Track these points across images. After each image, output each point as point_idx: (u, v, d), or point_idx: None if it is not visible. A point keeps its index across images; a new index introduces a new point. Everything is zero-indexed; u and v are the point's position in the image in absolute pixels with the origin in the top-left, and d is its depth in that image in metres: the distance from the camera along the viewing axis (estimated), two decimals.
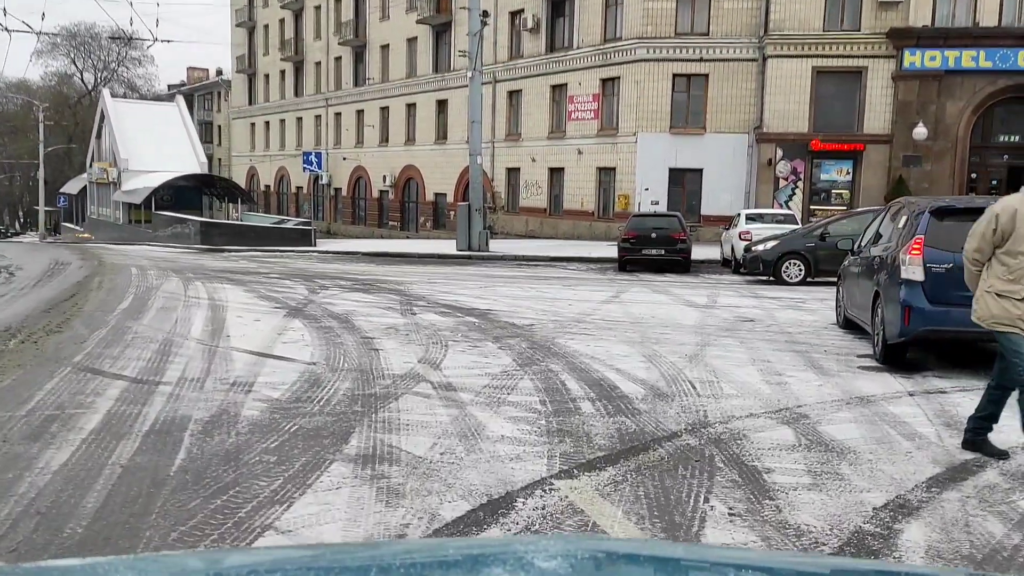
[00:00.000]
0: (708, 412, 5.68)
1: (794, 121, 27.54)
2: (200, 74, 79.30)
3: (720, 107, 28.64)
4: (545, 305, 12.05)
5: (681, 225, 19.38)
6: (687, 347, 8.45)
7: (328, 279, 16.14)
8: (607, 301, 12.84)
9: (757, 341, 8.92)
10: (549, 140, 33.18)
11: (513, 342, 8.59)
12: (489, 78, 35.63)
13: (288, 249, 25.00)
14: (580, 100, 31.66)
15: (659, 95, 29.01)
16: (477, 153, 23.85)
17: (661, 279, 17.22)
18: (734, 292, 14.60)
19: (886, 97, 26.98)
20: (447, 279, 16.58)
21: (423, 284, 15.34)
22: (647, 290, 14.74)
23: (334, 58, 48.05)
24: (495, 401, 5.87)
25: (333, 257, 23.29)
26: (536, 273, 18.60)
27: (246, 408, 5.48)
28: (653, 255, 18.96)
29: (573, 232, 32.03)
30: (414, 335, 8.94)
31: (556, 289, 14.67)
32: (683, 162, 29.01)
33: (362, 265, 20.60)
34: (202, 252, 26.30)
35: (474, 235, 23.87)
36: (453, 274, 17.99)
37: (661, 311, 11.56)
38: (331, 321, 9.90)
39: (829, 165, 27.76)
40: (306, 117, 51.22)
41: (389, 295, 13.24)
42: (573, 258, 22.49)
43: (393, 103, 42.89)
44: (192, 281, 15.17)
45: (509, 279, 16.73)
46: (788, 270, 16.11)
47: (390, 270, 18.97)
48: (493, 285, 15.34)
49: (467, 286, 15.04)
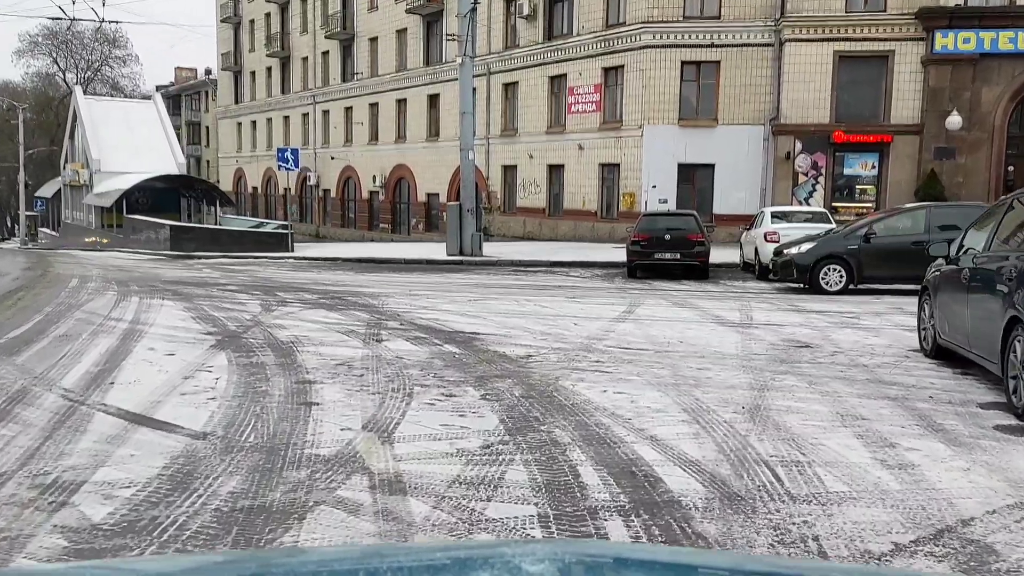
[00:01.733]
0: (821, 538, 3.41)
1: (814, 111, 25.28)
2: (188, 74, 77.25)
3: (733, 97, 26.38)
4: (545, 325, 9.79)
5: (698, 225, 17.11)
6: (739, 392, 6.19)
7: (293, 291, 13.87)
8: (620, 318, 10.58)
9: (829, 380, 6.65)
10: (548, 135, 30.93)
11: (503, 386, 6.33)
12: (483, 70, 33.41)
13: (262, 256, 22.74)
14: (581, 92, 29.41)
15: (666, 84, 26.76)
16: (469, 148, 21.59)
17: (678, 288, 14.96)
18: (768, 304, 12.33)
19: (915, 84, 24.73)
20: (431, 290, 14.32)
21: (402, 297, 13.07)
22: (665, 302, 12.47)
23: (321, 52, 45.85)
24: (466, 519, 3.59)
25: (309, 264, 21.02)
26: (534, 281, 16.34)
27: (27, 549, 3.19)
28: (667, 260, 16.70)
29: (574, 234, 29.77)
30: (370, 376, 6.67)
31: (558, 302, 12.41)
32: (693, 157, 26.77)
33: (339, 273, 18.33)
34: (169, 259, 24.04)
35: (466, 238, 21.62)
36: (440, 283, 15.73)
37: (690, 333, 9.29)
38: (267, 354, 7.62)
39: (853, 159, 25.49)
40: (293, 115, 49.05)
41: (357, 313, 10.96)
42: (575, 263, 20.24)
43: (383, 99, 40.66)
44: (129, 297, 12.90)
45: (503, 290, 14.47)
46: (827, 276, 13.83)
47: (368, 279, 16.71)
48: (484, 297, 13.08)
49: (454, 299, 12.78)
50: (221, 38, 57.83)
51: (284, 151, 23.43)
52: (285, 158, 23.11)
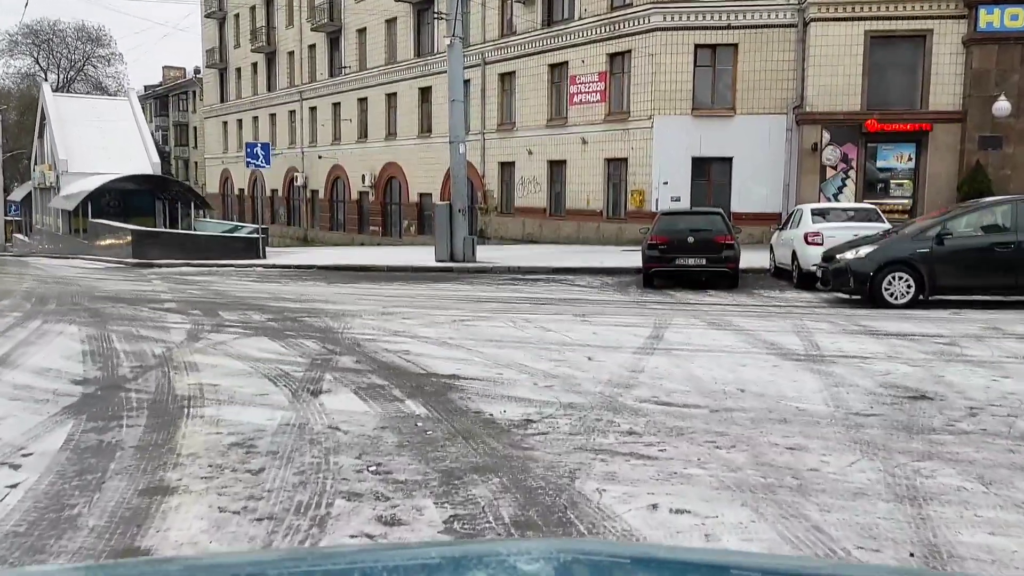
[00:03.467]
0: None
1: (843, 98, 22.78)
2: (177, 73, 74.96)
3: (752, 83, 23.89)
4: (550, 361, 7.30)
5: (726, 225, 14.62)
6: (878, 505, 3.70)
7: (240, 310, 11.39)
8: (647, 348, 8.08)
9: (1007, 471, 4.16)
10: (548, 129, 28.43)
11: (484, 495, 3.83)
12: (477, 60, 30.97)
13: (230, 263, 20.25)
14: (584, 81, 26.92)
15: (678, 71, 24.27)
16: (460, 141, 19.11)
17: (707, 300, 12.47)
18: (828, 323, 9.83)
19: (956, 66, 22.24)
20: (411, 306, 11.83)
21: (372, 317, 10.59)
22: (698, 322, 9.98)
23: (308, 46, 43.40)
24: None
25: (279, 273, 18.49)
26: (534, 293, 13.84)
27: None
28: (691, 266, 14.20)
29: (578, 236, 27.28)
30: (272, 473, 4.17)
31: (564, 323, 9.92)
32: (708, 150, 24.28)
33: (308, 284, 15.84)
34: (127, 268, 21.56)
35: (457, 242, 19.14)
36: (422, 297, 13.24)
37: (748, 372, 6.79)
38: (136, 425, 5.13)
39: (887, 150, 22.98)
40: (280, 113, 46.64)
41: (306, 343, 8.47)
42: (581, 269, 17.76)
43: (372, 93, 38.19)
44: (32, 319, 10.42)
45: (497, 305, 11.97)
46: (891, 287, 11.33)
47: (339, 292, 14.22)
48: (473, 316, 10.59)
49: (435, 320, 10.29)
50: (206, 34, 55.37)
51: (253, 146, 20.92)
52: (255, 154, 20.60)
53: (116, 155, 35.16)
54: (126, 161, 35.24)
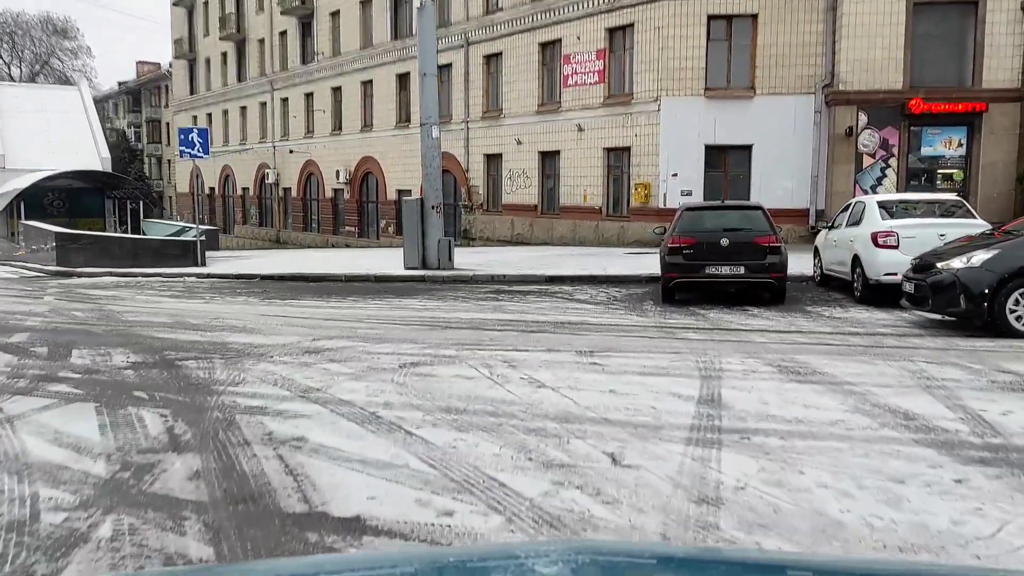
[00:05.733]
0: None
1: (882, 75, 19.60)
2: (151, 68, 71.36)
3: (775, 59, 20.68)
4: (543, 470, 4.04)
5: (769, 223, 11.35)
6: None
7: (105, 347, 8.07)
8: (707, 427, 4.83)
9: None
10: (539, 116, 25.16)
11: None
12: (459, 40, 27.70)
13: (158, 273, 16.91)
14: (580, 60, 23.66)
15: (689, 46, 21.05)
16: (432, 123, 15.81)
17: (754, 324, 9.22)
18: (959, 370, 6.58)
19: (1013, 36, 19.09)
20: (352, 336, 8.53)
21: (286, 358, 7.29)
22: (760, 364, 6.72)
23: (279, 32, 40.06)
24: None
25: (208, 286, 15.12)
26: (523, 313, 10.55)
27: None
28: (725, 276, 10.93)
29: (573, 236, 24.04)
30: None
31: (565, 368, 6.65)
32: (724, 137, 21.07)
33: (232, 302, 12.50)
34: (42, 277, 18.21)
35: (430, 245, 15.85)
36: (374, 320, 9.94)
37: (919, 505, 3.53)
38: None
39: (934, 134, 19.78)
40: (250, 105, 43.29)
41: (145, 417, 5.19)
42: (580, 278, 14.51)
43: (346, 81, 34.88)
44: None
45: (471, 333, 8.68)
46: (1020, 308, 8.11)
47: (266, 314, 10.90)
48: (433, 358, 7.30)
49: (377, 362, 7.00)
50: (175, 23, 51.87)
51: (188, 132, 17.54)
52: (190, 141, 17.23)
53: (62, 149, 31.75)
54: (72, 156, 31.79)
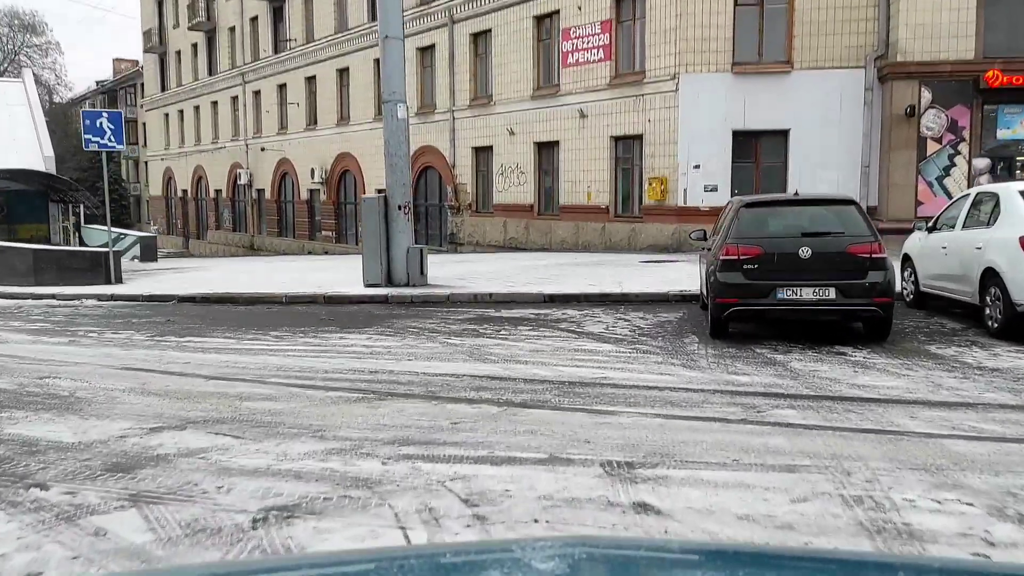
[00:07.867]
0: None
1: (949, 42, 16.19)
2: (128, 66, 67.94)
3: (816, 27, 17.27)
4: None
5: (867, 223, 7.87)
6: None
7: None
8: None
9: None
10: (535, 101, 21.73)
11: None
12: (443, 18, 24.28)
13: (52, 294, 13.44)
14: (582, 34, 20.23)
15: (712, 12, 17.64)
16: (397, 100, 12.35)
17: (866, 382, 5.76)
18: None
19: None
20: (218, 427, 5.07)
21: (70, 487, 3.84)
22: (979, 506, 3.28)
23: (249, 19, 36.67)
24: None
25: (102, 314, 11.60)
26: (511, 363, 7.07)
27: None
28: (809, 303, 7.47)
29: (576, 241, 20.59)
30: None
31: (588, 512, 3.18)
32: (755, 121, 17.65)
33: (110, 341, 9.03)
34: None
35: (396, 256, 12.40)
36: (284, 376, 6.47)
37: None
38: None
39: (1013, 114, 16.36)
40: (222, 100, 39.89)
41: None
42: (590, 297, 11.07)
43: (321, 70, 31.47)
44: None
45: (427, 411, 5.22)
46: None
47: (136, 364, 7.43)
48: (336, 482, 3.84)
49: (220, 512, 3.56)
50: (144, 14, 48.43)
51: (95, 116, 14.06)
52: (98, 128, 13.77)
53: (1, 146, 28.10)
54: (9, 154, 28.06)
